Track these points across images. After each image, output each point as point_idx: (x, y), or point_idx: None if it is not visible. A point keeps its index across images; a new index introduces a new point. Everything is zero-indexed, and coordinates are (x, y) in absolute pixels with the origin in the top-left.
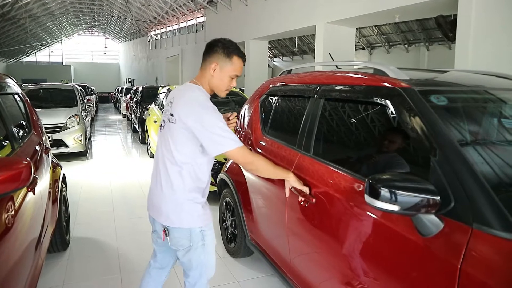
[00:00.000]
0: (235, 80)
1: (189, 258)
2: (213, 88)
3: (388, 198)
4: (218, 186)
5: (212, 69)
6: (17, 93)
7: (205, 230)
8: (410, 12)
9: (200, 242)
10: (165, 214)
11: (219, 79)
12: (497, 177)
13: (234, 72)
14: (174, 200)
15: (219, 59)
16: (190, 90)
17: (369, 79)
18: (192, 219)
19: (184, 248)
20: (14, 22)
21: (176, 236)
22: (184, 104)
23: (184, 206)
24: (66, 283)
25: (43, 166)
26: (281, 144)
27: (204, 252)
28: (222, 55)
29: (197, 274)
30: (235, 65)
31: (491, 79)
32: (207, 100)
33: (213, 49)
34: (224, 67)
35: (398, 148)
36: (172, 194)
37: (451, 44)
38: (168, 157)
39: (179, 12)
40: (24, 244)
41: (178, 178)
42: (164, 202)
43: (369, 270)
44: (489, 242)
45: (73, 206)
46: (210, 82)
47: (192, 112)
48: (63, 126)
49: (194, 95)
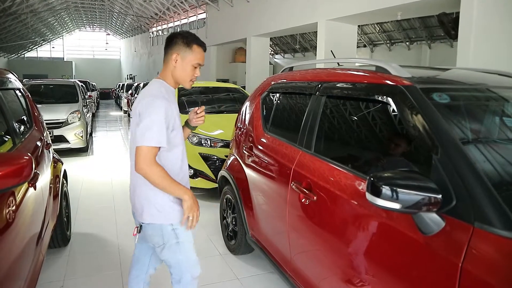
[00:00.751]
0: (199, 69)
1: (166, 256)
2: (177, 79)
3: (390, 196)
4: (219, 183)
5: (174, 60)
6: (18, 89)
7: (177, 228)
8: (412, 9)
9: (173, 240)
10: (138, 211)
11: (181, 69)
12: (499, 176)
13: (196, 61)
14: (143, 197)
15: (180, 49)
16: (149, 85)
17: (371, 76)
18: (161, 215)
19: (159, 245)
20: (15, 17)
21: (149, 233)
22: (138, 100)
23: (152, 202)
24: (67, 279)
25: (44, 161)
26: (282, 141)
27: (180, 250)
28: (182, 45)
29: (178, 272)
30: (196, 54)
31: (494, 77)
32: (159, 92)
33: (172, 41)
34: (185, 57)
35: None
36: (140, 190)
37: (453, 42)
38: (133, 154)
39: (181, 8)
40: (25, 239)
41: None
42: (135, 199)
43: (370, 268)
44: (490, 241)
45: (74, 201)
46: (173, 74)
47: (140, 104)
48: (64, 122)
49: (148, 89)
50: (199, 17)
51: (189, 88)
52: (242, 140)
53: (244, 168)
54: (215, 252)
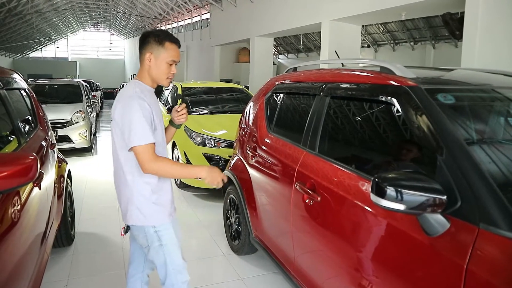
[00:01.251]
0: (174, 66)
1: (152, 257)
2: (154, 78)
3: (394, 197)
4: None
5: (148, 59)
6: (23, 89)
7: (160, 230)
8: (417, 9)
9: (156, 243)
10: (122, 211)
11: (156, 67)
12: (504, 177)
13: (170, 58)
14: (125, 198)
15: (152, 48)
16: (126, 86)
17: (376, 77)
18: (142, 217)
19: (145, 246)
20: (20, 17)
21: (134, 234)
22: (116, 100)
23: (134, 204)
24: (71, 278)
25: (49, 161)
26: (286, 141)
27: (164, 252)
28: (155, 44)
29: (162, 273)
30: (169, 51)
31: (499, 77)
32: (133, 92)
33: (145, 40)
34: (158, 55)
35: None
36: (122, 192)
37: (458, 42)
38: (115, 156)
39: (185, 8)
40: (30, 238)
41: (124, 176)
42: (119, 200)
43: (374, 269)
44: (495, 242)
45: (78, 201)
46: (149, 73)
47: (118, 106)
48: (68, 121)
49: (124, 90)
50: (203, 17)
51: (167, 85)
52: (245, 141)
53: (247, 168)
54: (218, 252)
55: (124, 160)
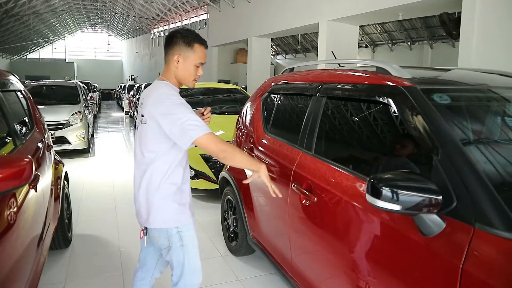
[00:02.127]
0: (201, 68)
1: (171, 257)
2: (180, 80)
3: (390, 197)
4: (220, 184)
5: (175, 61)
6: (19, 90)
7: (182, 231)
8: (414, 9)
9: (178, 243)
10: (143, 214)
11: (184, 69)
12: (500, 177)
13: (199, 60)
14: (148, 200)
15: (181, 50)
16: (157, 88)
17: (372, 77)
18: (166, 218)
19: (165, 247)
20: (17, 18)
21: (155, 235)
22: (152, 102)
23: (158, 206)
24: (68, 280)
25: (45, 163)
26: (283, 142)
27: (183, 253)
28: (183, 45)
29: (178, 273)
30: (198, 53)
31: (495, 77)
32: (174, 94)
33: (172, 40)
34: (187, 57)
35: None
36: (146, 194)
37: (455, 42)
38: (141, 157)
39: (182, 9)
40: (26, 241)
41: (150, 177)
42: (140, 203)
43: (371, 270)
44: (491, 242)
45: (75, 203)
46: (176, 75)
47: (159, 108)
48: (65, 123)
49: (160, 91)
50: (201, 18)
51: (192, 87)
52: (243, 141)
53: (245, 169)
54: (216, 253)
55: (154, 163)
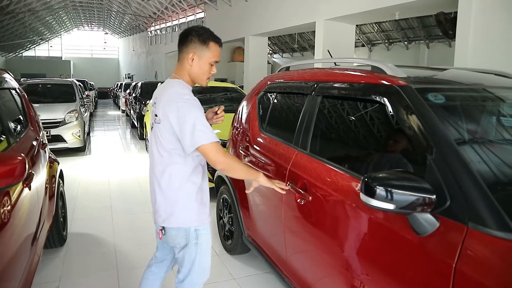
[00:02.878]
0: (215, 66)
1: (183, 254)
2: (194, 78)
3: (384, 196)
4: (216, 182)
5: (190, 59)
6: (13, 88)
7: (199, 230)
8: (410, 9)
9: (193, 241)
10: (161, 214)
11: (198, 68)
12: (494, 176)
13: (214, 58)
14: (167, 200)
15: (196, 48)
16: (170, 86)
17: (366, 76)
18: (187, 218)
19: (181, 246)
20: (13, 16)
21: (172, 234)
22: (165, 102)
23: (178, 205)
24: (63, 279)
25: (40, 161)
26: (278, 141)
27: (196, 250)
28: (198, 43)
29: (186, 271)
30: (213, 51)
31: (490, 77)
32: (187, 94)
33: (187, 38)
34: (202, 55)
35: (397, 151)
36: (165, 193)
37: (451, 41)
38: (159, 157)
39: (179, 7)
40: (19, 240)
41: (170, 177)
42: (159, 202)
43: (365, 269)
44: (484, 242)
45: (71, 201)
46: (190, 73)
47: (172, 108)
48: (61, 121)
49: (173, 90)
50: (198, 16)
51: (205, 85)
52: (238, 140)
53: None
54: (211, 252)
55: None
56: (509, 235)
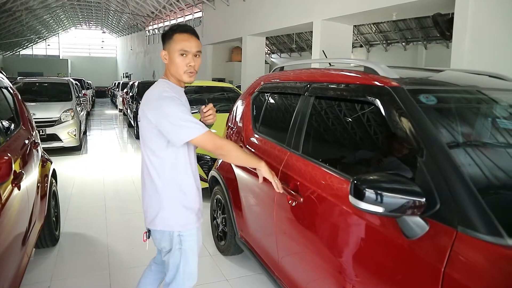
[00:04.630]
0: (191, 57)
1: (168, 259)
2: (174, 75)
3: (373, 199)
4: (210, 183)
5: (164, 57)
6: (5, 87)
7: (183, 235)
8: (408, 10)
9: (177, 246)
10: (148, 216)
11: (171, 63)
12: (486, 179)
13: (179, 47)
14: (153, 201)
15: (165, 45)
16: (153, 86)
17: (359, 77)
18: (170, 221)
19: (166, 249)
20: (10, 14)
21: (157, 237)
22: (145, 101)
23: (163, 208)
24: (54, 279)
25: (32, 161)
26: (271, 141)
27: (181, 256)
28: (166, 40)
29: (171, 275)
30: (177, 41)
31: (484, 79)
32: (166, 91)
33: (162, 41)
34: (169, 49)
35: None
36: (151, 195)
37: (449, 42)
38: (146, 158)
39: (177, 7)
40: (7, 239)
41: (155, 178)
42: (147, 204)
43: (355, 271)
44: (473, 246)
45: (65, 201)
46: (170, 71)
47: (152, 106)
48: (57, 120)
49: (154, 89)
50: (195, 16)
51: (190, 81)
52: (232, 140)
53: (233, 168)
54: (205, 252)
55: (155, 163)
56: (498, 240)
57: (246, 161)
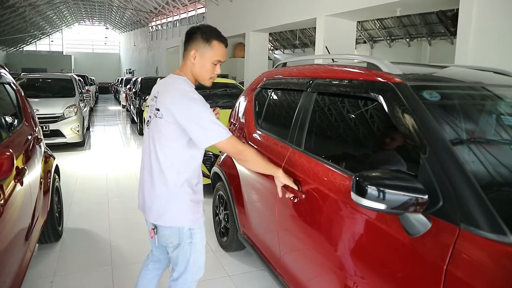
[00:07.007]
0: (219, 66)
1: (177, 254)
2: (197, 76)
3: (375, 196)
4: (212, 179)
5: (192, 56)
6: (8, 83)
7: (194, 229)
8: (412, 5)
9: (187, 240)
10: (155, 212)
11: (200, 66)
12: (490, 176)
13: (216, 57)
14: (163, 198)
15: (198, 45)
16: (175, 83)
17: (361, 73)
18: (181, 217)
19: (174, 245)
20: (13, 10)
21: (165, 234)
22: (170, 97)
23: (173, 204)
24: (57, 274)
25: (35, 156)
26: (274, 138)
27: (191, 250)
28: (201, 41)
29: (181, 269)
30: (216, 50)
31: (489, 75)
32: (193, 92)
33: (192, 36)
34: (204, 53)
35: (392, 149)
36: (160, 191)
37: (453, 39)
38: (155, 154)
39: (180, 2)
40: (10, 235)
41: (166, 175)
42: (153, 200)
43: (357, 268)
44: (476, 243)
45: (68, 197)
46: (192, 71)
47: (179, 104)
48: (60, 116)
49: (179, 87)
50: (199, 11)
51: (208, 85)
52: (235, 136)
53: (236, 164)
54: (207, 248)
55: (171, 159)
56: (502, 238)
57: (264, 168)
